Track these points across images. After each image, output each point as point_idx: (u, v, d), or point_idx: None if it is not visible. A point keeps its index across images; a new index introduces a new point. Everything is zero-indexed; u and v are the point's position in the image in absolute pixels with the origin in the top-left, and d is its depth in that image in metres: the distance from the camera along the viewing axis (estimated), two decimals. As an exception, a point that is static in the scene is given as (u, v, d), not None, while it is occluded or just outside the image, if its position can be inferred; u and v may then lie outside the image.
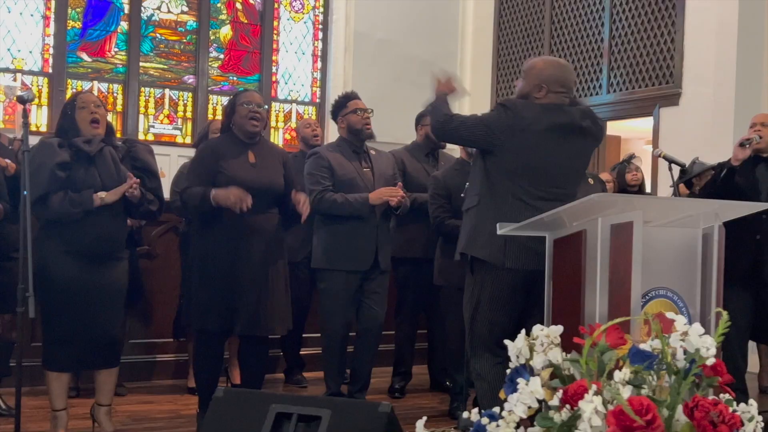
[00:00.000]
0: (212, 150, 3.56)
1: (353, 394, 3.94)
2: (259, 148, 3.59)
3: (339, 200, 3.79)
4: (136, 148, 3.45)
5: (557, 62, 3.16)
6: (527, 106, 3.04)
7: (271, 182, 3.55)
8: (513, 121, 2.99)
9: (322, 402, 2.31)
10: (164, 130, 7.30)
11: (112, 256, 3.30)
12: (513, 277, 3.00)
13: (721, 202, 2.74)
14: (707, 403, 1.53)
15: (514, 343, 1.80)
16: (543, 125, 2.99)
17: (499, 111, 3.04)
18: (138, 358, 4.61)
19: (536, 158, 2.99)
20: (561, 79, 3.05)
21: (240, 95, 3.61)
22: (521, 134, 2.98)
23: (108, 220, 3.24)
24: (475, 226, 3.06)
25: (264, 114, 3.57)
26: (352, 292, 3.87)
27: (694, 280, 2.71)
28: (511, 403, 1.58)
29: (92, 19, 7.06)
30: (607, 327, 1.66)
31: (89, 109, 3.29)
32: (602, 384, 1.56)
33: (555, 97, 3.04)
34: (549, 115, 3.01)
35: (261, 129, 3.59)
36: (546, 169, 3.01)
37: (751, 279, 4.06)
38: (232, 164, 3.49)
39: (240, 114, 3.54)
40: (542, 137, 2.99)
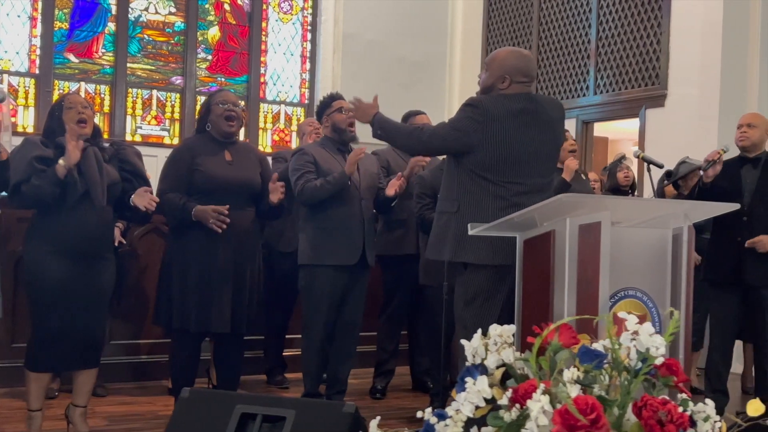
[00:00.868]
0: (188, 149, 3.56)
1: (330, 398, 3.93)
2: (236, 148, 3.60)
3: (318, 184, 3.78)
4: (124, 151, 3.45)
5: (519, 52, 3.18)
6: (493, 99, 3.05)
7: (247, 180, 3.55)
8: (483, 118, 3.00)
9: (287, 402, 2.31)
10: (152, 131, 7.29)
11: (99, 257, 3.29)
12: (505, 273, 2.99)
13: (690, 203, 2.75)
14: (656, 402, 1.53)
15: (470, 342, 1.80)
16: (512, 116, 3.00)
17: (467, 111, 3.04)
18: (119, 359, 4.60)
19: (511, 150, 3.00)
20: (523, 69, 3.07)
21: (215, 95, 3.63)
22: (493, 128, 2.99)
23: (91, 218, 3.23)
24: (460, 232, 3.03)
25: (239, 113, 3.58)
26: (337, 289, 3.86)
27: (664, 281, 2.71)
28: (458, 402, 1.58)
29: (79, 20, 7.06)
30: (560, 326, 1.66)
31: (76, 109, 3.30)
32: (551, 383, 1.56)
33: (518, 87, 3.06)
34: (516, 105, 3.02)
35: (237, 129, 3.60)
36: (522, 159, 3.01)
37: (736, 281, 4.07)
38: (209, 162, 3.50)
39: (215, 113, 3.55)
40: (513, 128, 3.00)
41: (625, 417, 1.61)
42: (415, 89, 7.78)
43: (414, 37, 7.92)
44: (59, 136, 3.24)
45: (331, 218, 3.80)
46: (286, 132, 7.83)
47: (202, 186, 3.52)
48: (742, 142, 4.14)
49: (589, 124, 7.06)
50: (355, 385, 4.69)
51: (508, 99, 3.04)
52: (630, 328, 1.64)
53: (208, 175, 3.48)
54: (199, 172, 3.49)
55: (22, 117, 6.86)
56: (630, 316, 1.67)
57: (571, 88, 7.13)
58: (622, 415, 1.60)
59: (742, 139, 4.13)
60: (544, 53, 7.41)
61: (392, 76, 7.77)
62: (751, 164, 4.13)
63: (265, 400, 2.35)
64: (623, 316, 1.69)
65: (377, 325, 4.69)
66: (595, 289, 2.52)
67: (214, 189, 3.51)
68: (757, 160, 4.13)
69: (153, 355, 4.69)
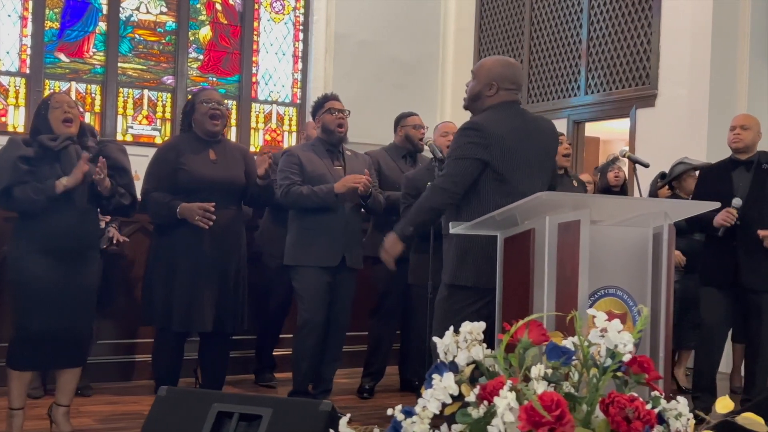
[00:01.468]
0: (172, 148, 3.57)
1: (315, 397, 3.93)
2: (221, 147, 3.60)
3: (305, 192, 3.78)
4: (107, 148, 3.46)
5: (506, 61, 3.17)
6: (487, 118, 3.00)
7: (231, 178, 3.55)
8: (487, 140, 2.93)
9: (264, 401, 2.31)
10: (143, 131, 7.29)
11: (82, 255, 3.29)
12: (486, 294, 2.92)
13: (671, 201, 2.74)
14: (623, 399, 1.53)
15: (442, 340, 1.80)
16: (509, 131, 2.96)
17: (467, 136, 2.96)
18: (106, 359, 4.59)
19: (512, 164, 2.95)
20: (510, 77, 3.06)
21: (199, 94, 3.63)
22: (495, 147, 2.93)
23: (74, 217, 3.23)
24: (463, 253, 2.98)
25: (224, 112, 3.59)
26: (322, 289, 3.86)
27: (644, 280, 2.71)
28: (425, 398, 1.58)
29: (70, 20, 7.05)
30: (529, 323, 1.66)
31: (63, 108, 3.30)
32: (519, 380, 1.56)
33: (506, 95, 3.05)
34: (510, 121, 3.00)
35: (221, 128, 3.61)
36: (520, 173, 2.96)
37: (729, 283, 4.06)
38: (192, 160, 3.51)
39: (200, 112, 3.55)
40: (512, 144, 2.96)
41: (594, 414, 1.61)
42: (407, 89, 7.78)
43: (406, 37, 7.92)
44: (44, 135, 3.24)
45: (313, 219, 3.81)
46: (278, 132, 7.83)
47: (186, 185, 3.52)
48: (735, 144, 4.13)
49: (580, 124, 7.06)
50: (343, 385, 4.70)
51: (501, 115, 3.00)
52: (599, 325, 1.64)
53: (192, 174, 3.49)
54: (183, 171, 3.50)
55: (13, 117, 6.85)
56: (599, 313, 1.67)
57: (563, 88, 7.13)
58: (591, 412, 1.60)
59: (736, 141, 4.12)
60: (535, 53, 7.42)
61: (384, 76, 7.77)
62: (744, 167, 4.12)
63: (241, 398, 2.35)
64: (592, 312, 1.69)
65: (367, 325, 4.68)
66: (574, 287, 2.52)
67: (198, 188, 3.51)
68: (749, 162, 4.13)
69: (140, 355, 4.67)
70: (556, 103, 7.16)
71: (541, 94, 7.35)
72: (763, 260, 4.03)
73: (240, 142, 7.65)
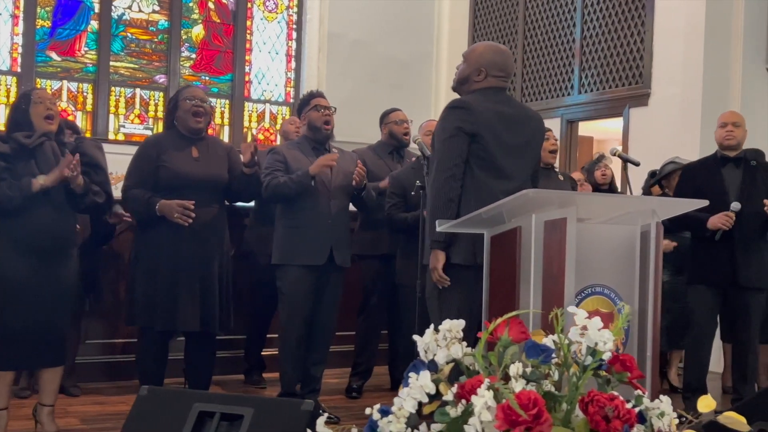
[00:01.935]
0: (154, 145, 3.54)
1: (304, 397, 3.90)
2: (204, 144, 3.57)
3: (282, 180, 3.74)
4: (83, 144, 3.43)
5: (497, 47, 3.18)
6: (475, 98, 3.02)
7: (214, 176, 3.52)
8: (471, 117, 2.95)
9: (246, 401, 2.28)
10: (135, 129, 7.25)
11: (58, 254, 3.25)
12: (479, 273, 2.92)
13: (659, 199, 2.72)
14: (603, 398, 1.51)
15: (422, 338, 1.77)
16: (495, 114, 2.98)
17: (452, 114, 2.98)
18: (94, 359, 4.56)
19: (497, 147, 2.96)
20: (500, 64, 3.06)
21: (182, 91, 3.61)
22: (480, 126, 2.95)
23: (51, 215, 3.20)
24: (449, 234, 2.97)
25: (207, 109, 3.56)
26: (308, 288, 3.82)
27: (632, 278, 2.69)
28: (401, 397, 1.55)
29: (62, 18, 7.02)
30: (510, 321, 1.63)
31: (45, 105, 3.27)
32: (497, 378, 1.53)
33: (494, 81, 3.06)
34: (497, 105, 3.01)
35: (205, 125, 3.57)
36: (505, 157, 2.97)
37: (721, 280, 4.05)
38: (175, 158, 3.48)
39: (183, 109, 3.52)
40: (497, 127, 2.98)
41: (574, 413, 1.58)
42: (401, 89, 7.75)
43: (400, 36, 7.90)
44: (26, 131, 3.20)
45: (299, 217, 3.78)
46: (271, 131, 7.80)
47: (168, 182, 3.49)
48: (729, 141, 4.11)
49: (573, 123, 7.04)
50: (332, 385, 4.67)
51: (487, 99, 3.02)
52: (579, 323, 1.62)
53: (174, 171, 3.45)
54: (165, 169, 3.47)
55: (4, 115, 6.80)
56: (579, 311, 1.64)
57: (556, 87, 7.11)
58: (571, 411, 1.57)
59: (729, 138, 4.11)
60: (529, 52, 7.40)
61: (378, 75, 7.74)
62: (733, 163, 4.11)
63: (223, 398, 2.32)
64: (572, 310, 1.66)
65: (355, 325, 4.66)
66: (560, 285, 2.50)
67: (180, 185, 3.48)
68: (738, 159, 4.11)
69: (128, 355, 4.64)
70: (549, 102, 7.14)
71: (534, 94, 7.33)
72: (756, 257, 4.02)
73: (233, 141, 7.63)
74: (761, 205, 4.00)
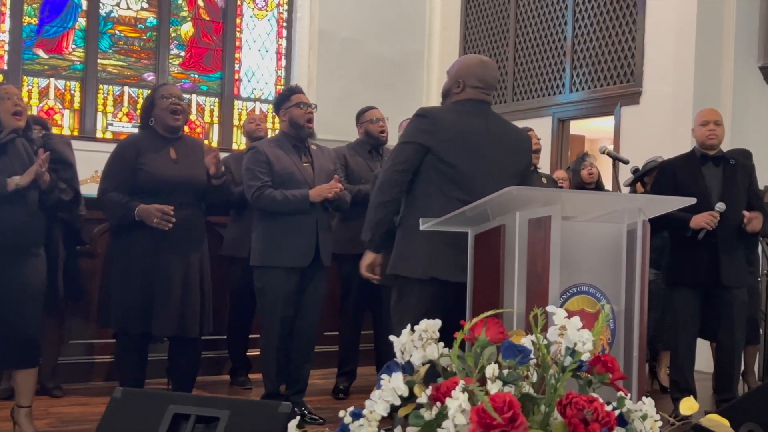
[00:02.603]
0: (132, 146, 3.47)
1: (289, 398, 3.84)
2: (181, 144, 3.51)
3: (278, 198, 3.68)
4: (51, 141, 3.38)
5: (478, 59, 3.11)
6: (444, 110, 3.00)
7: (192, 178, 3.46)
8: (432, 127, 2.92)
9: (222, 403, 2.22)
10: (123, 128, 7.18)
11: (25, 252, 3.19)
12: (440, 289, 2.89)
13: (645, 197, 2.68)
14: (582, 400, 1.46)
15: (398, 339, 1.72)
16: (462, 128, 2.93)
17: (415, 122, 2.99)
18: (76, 359, 4.50)
19: (461, 162, 2.90)
20: (478, 75, 2.99)
21: (159, 89, 3.54)
22: (442, 138, 2.91)
23: (24, 214, 3.13)
24: (401, 244, 2.98)
25: (185, 107, 3.50)
26: (291, 289, 3.77)
27: (618, 277, 2.64)
28: (373, 400, 1.50)
29: (49, 15, 6.96)
30: (488, 320, 1.58)
31: (13, 101, 3.21)
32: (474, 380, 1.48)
33: (472, 93, 2.99)
34: (469, 119, 2.95)
35: (182, 123, 3.52)
36: (473, 173, 2.90)
37: (703, 280, 4.01)
38: (152, 160, 3.41)
39: (160, 107, 3.46)
40: (463, 141, 2.92)
41: (553, 416, 1.53)
42: (392, 88, 7.70)
43: (391, 35, 7.85)
44: None
45: (284, 218, 3.71)
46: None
47: (146, 186, 3.42)
48: (711, 140, 4.07)
49: (564, 122, 7.00)
50: (319, 385, 4.62)
51: (461, 110, 2.97)
52: (558, 323, 1.57)
53: (152, 174, 3.39)
54: (143, 172, 3.40)
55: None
56: (559, 310, 1.59)
57: (547, 86, 7.07)
58: (549, 413, 1.53)
59: (712, 137, 4.06)
60: (520, 51, 7.36)
61: (369, 74, 7.69)
62: (712, 162, 4.07)
63: (199, 400, 2.26)
64: (552, 310, 1.61)
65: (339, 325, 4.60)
66: (545, 284, 2.45)
67: (159, 189, 3.41)
68: (718, 158, 4.08)
69: (112, 355, 4.57)
70: (540, 100, 7.10)
71: (526, 92, 7.29)
72: (737, 256, 3.98)
73: (222, 140, 7.58)
74: (740, 204, 3.98)
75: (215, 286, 3.81)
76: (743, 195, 4.02)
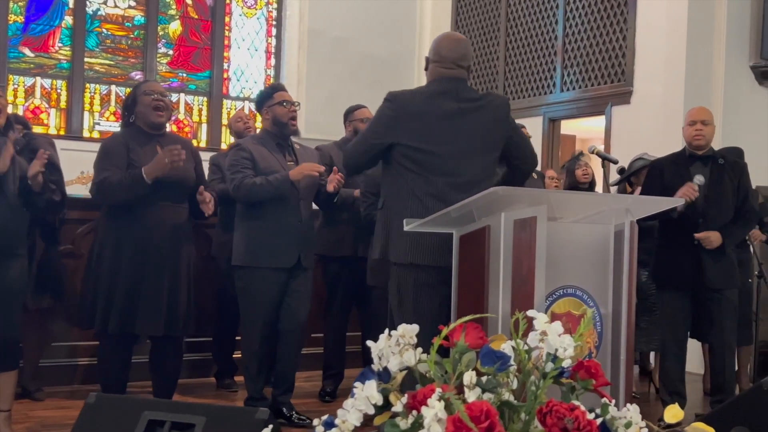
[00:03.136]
0: (120, 143, 3.42)
1: (276, 398, 3.79)
2: (166, 140, 3.45)
3: (258, 182, 3.60)
4: (35, 141, 3.31)
5: (447, 35, 3.10)
6: (411, 94, 2.97)
7: (181, 176, 3.41)
8: (397, 112, 2.89)
9: (198, 409, 2.17)
10: (110, 127, 7.10)
11: (7, 252, 3.12)
12: (428, 275, 2.86)
13: (632, 198, 2.63)
14: (563, 408, 1.41)
15: (376, 344, 1.67)
16: (431, 110, 2.88)
17: (382, 107, 2.97)
18: (59, 362, 4.43)
19: (433, 144, 2.86)
20: (442, 51, 2.95)
21: (141, 86, 3.50)
22: (409, 122, 2.88)
23: (5, 212, 3.06)
24: (386, 228, 2.96)
25: (168, 103, 3.44)
26: (274, 290, 3.70)
27: (605, 279, 2.59)
28: (346, 409, 1.45)
29: (35, 13, 6.88)
30: (468, 325, 1.53)
31: None
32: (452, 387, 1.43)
33: (437, 70, 2.95)
34: (438, 100, 2.90)
35: (166, 120, 3.46)
36: (447, 155, 2.86)
37: (690, 282, 3.97)
38: (141, 157, 3.36)
39: (143, 104, 3.41)
40: (433, 123, 2.87)
41: (533, 424, 1.48)
42: (382, 87, 7.50)
43: (381, 33, 7.79)
44: None
45: (267, 218, 3.64)
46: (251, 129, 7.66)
47: None
48: (698, 141, 4.02)
49: (556, 121, 6.96)
50: (305, 388, 4.56)
51: (429, 94, 2.93)
52: (539, 327, 1.52)
53: None
54: (134, 168, 3.35)
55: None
56: (540, 314, 1.54)
57: (538, 86, 7.03)
58: (530, 421, 1.47)
59: (699, 138, 4.02)
60: (511, 50, 7.31)
61: (359, 73, 7.63)
62: (700, 162, 4.03)
63: (174, 406, 2.21)
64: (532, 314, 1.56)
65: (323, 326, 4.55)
66: (530, 287, 2.40)
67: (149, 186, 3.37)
68: (707, 158, 4.03)
69: (95, 358, 4.51)
70: (531, 100, 7.06)
71: (517, 92, 7.25)
72: (722, 258, 3.94)
73: (211, 139, 7.51)
74: (727, 204, 3.94)
75: (203, 288, 3.75)
76: (731, 194, 3.97)
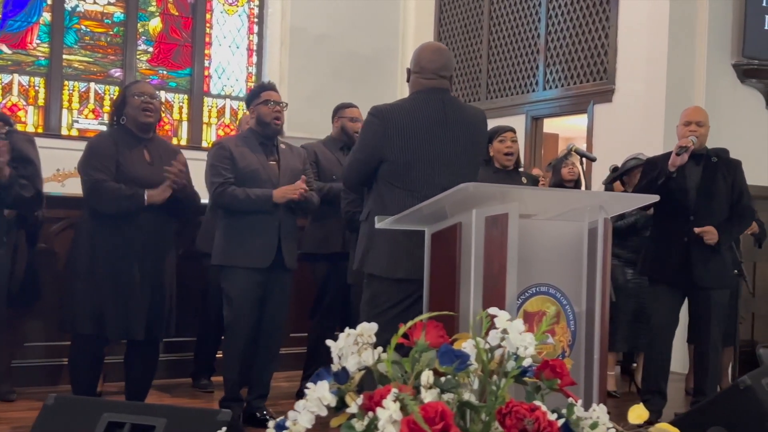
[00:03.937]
0: (109, 142, 3.38)
1: (251, 402, 3.73)
2: (155, 146, 3.43)
3: (240, 196, 3.57)
4: (13, 138, 3.25)
5: (428, 45, 3.08)
6: (395, 107, 2.96)
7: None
8: (382, 127, 2.90)
9: (158, 410, 2.12)
10: (89, 125, 7.03)
11: None
12: (408, 288, 2.84)
13: (607, 194, 2.60)
14: (523, 408, 1.37)
15: (336, 342, 1.62)
16: (414, 121, 2.89)
17: (367, 121, 2.97)
18: (34, 362, 4.36)
19: (416, 155, 2.87)
20: (422, 62, 2.96)
21: (131, 87, 3.47)
22: (393, 135, 2.88)
23: None
24: (367, 241, 2.94)
25: (158, 105, 3.41)
26: (252, 291, 3.65)
27: (579, 277, 2.56)
28: (297, 410, 1.40)
29: (12, 10, 6.79)
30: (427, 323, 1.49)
31: None
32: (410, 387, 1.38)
33: (417, 82, 2.96)
34: (420, 111, 2.90)
35: (155, 121, 3.43)
36: (430, 164, 2.88)
37: (680, 280, 3.96)
38: (128, 159, 3.35)
39: (132, 105, 3.37)
40: (417, 134, 2.88)
41: (494, 425, 1.44)
42: (365, 85, 7.58)
43: (364, 31, 7.74)
44: None
45: (246, 217, 3.59)
46: (232, 127, 7.60)
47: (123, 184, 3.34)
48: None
49: (538, 120, 6.93)
50: (283, 388, 4.51)
51: (415, 103, 2.93)
52: (500, 325, 1.48)
53: (129, 174, 3.33)
54: (121, 172, 3.32)
55: (-50, 109, 6.56)
56: (501, 312, 1.50)
57: (521, 84, 7.00)
58: (490, 422, 1.43)
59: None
60: (494, 48, 7.28)
61: (342, 70, 7.58)
62: (693, 161, 4.01)
63: (134, 407, 2.16)
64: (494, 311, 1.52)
65: (308, 327, 4.49)
66: (502, 284, 2.36)
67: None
68: (700, 156, 4.02)
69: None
70: (514, 98, 7.03)
71: (499, 90, 7.22)
72: (713, 256, 3.92)
73: (192, 137, 7.44)
74: (719, 202, 3.92)
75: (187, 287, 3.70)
76: (724, 193, 3.96)
